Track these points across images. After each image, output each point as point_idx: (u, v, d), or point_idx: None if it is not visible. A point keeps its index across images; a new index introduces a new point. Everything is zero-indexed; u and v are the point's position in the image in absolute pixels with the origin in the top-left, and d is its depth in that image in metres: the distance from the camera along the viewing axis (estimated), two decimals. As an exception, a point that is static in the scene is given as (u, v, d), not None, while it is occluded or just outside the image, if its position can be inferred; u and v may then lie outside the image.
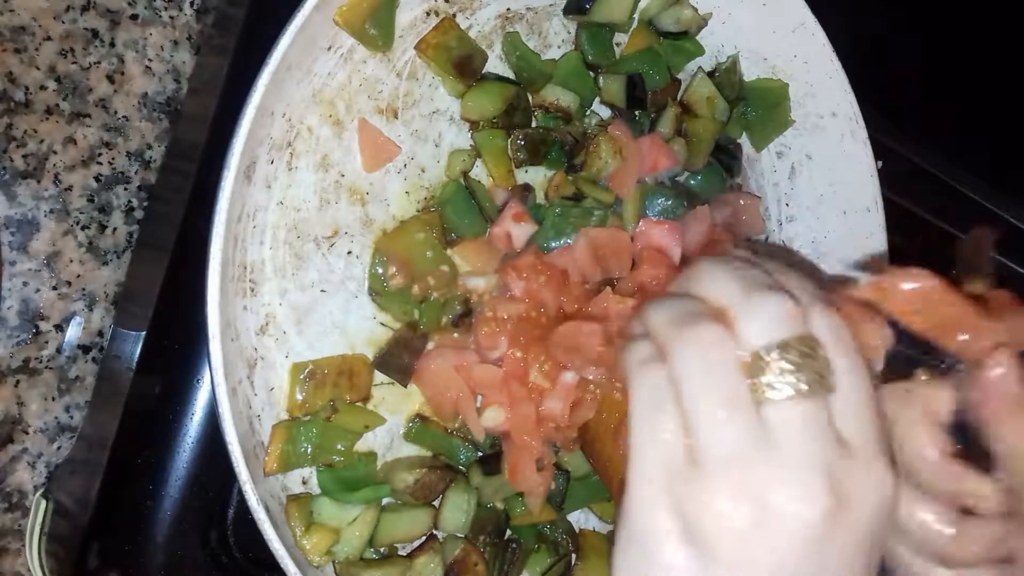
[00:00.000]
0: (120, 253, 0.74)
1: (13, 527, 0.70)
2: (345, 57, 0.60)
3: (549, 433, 0.61)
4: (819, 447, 0.36)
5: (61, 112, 0.71)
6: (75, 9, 0.72)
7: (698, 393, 0.37)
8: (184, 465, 0.60)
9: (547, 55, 0.69)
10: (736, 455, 0.36)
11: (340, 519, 0.58)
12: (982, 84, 1.02)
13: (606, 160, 0.65)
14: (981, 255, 0.44)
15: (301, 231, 0.60)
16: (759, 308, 0.38)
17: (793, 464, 0.36)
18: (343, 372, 0.60)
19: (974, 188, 1.04)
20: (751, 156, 0.77)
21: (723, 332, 0.38)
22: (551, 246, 0.64)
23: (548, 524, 0.68)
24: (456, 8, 0.64)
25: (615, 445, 0.60)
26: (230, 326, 0.55)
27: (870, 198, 0.75)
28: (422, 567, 0.61)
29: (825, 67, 0.73)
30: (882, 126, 0.79)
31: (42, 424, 0.71)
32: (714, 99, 0.71)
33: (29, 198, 0.70)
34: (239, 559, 0.62)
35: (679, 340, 0.38)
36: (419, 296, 0.62)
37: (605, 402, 0.61)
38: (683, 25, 0.70)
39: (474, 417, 0.61)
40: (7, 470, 0.70)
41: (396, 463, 0.62)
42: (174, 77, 0.76)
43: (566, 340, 0.57)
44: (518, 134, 0.64)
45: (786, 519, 0.35)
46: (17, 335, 0.70)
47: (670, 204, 0.67)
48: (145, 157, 0.75)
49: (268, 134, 0.57)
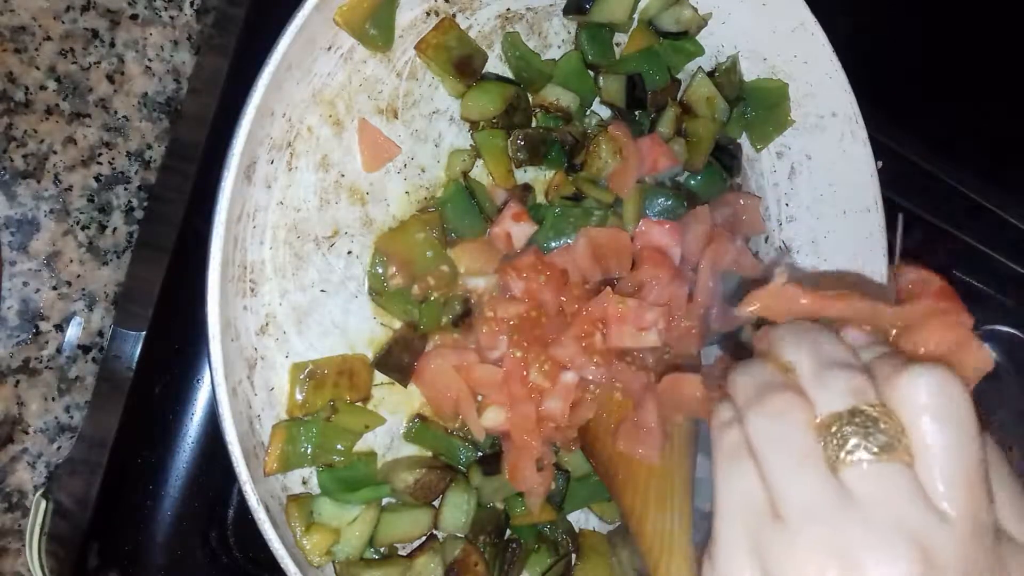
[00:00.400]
0: (120, 253, 0.74)
1: (13, 527, 0.70)
2: (345, 57, 0.60)
3: (549, 433, 0.61)
4: (901, 510, 0.36)
5: (61, 112, 0.71)
6: (75, 9, 0.72)
7: (774, 450, 0.39)
8: (184, 465, 0.60)
9: (547, 55, 0.69)
10: (817, 511, 0.37)
11: (340, 519, 0.58)
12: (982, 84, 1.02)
13: (606, 160, 0.65)
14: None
15: (301, 231, 0.60)
16: (832, 383, 0.40)
17: (877, 525, 0.36)
18: (343, 372, 0.60)
19: (974, 188, 1.04)
20: (751, 156, 0.77)
21: (797, 400, 0.40)
22: (551, 246, 0.64)
23: (548, 524, 0.68)
24: (456, 8, 0.64)
25: (615, 445, 0.60)
26: (230, 326, 0.55)
27: (870, 198, 0.75)
28: (422, 567, 0.61)
29: (825, 67, 0.73)
30: (882, 126, 0.79)
31: (42, 424, 0.71)
32: (714, 99, 0.71)
33: (29, 198, 0.70)
34: (239, 559, 0.62)
35: (757, 404, 0.41)
36: (419, 296, 0.62)
37: (605, 402, 0.61)
38: (683, 25, 0.70)
39: (474, 417, 0.61)
40: (7, 470, 0.70)
41: (396, 463, 0.62)
42: (174, 77, 0.77)
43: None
44: (518, 134, 0.64)
45: None
46: (17, 335, 0.70)
47: (670, 204, 0.67)
48: (145, 157, 0.75)
49: (268, 134, 0.57)
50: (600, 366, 0.60)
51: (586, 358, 0.60)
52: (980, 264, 1.07)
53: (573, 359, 0.60)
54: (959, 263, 1.05)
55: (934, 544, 0.36)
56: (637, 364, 0.61)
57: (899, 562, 0.35)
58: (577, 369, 0.60)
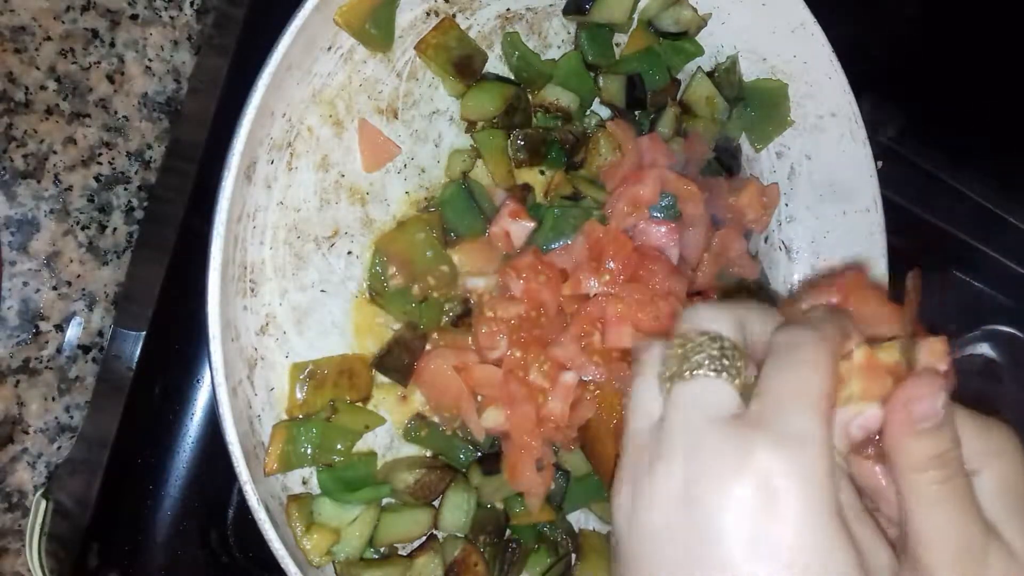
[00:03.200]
0: (120, 253, 0.74)
1: (13, 527, 0.70)
2: (345, 57, 0.60)
3: (549, 433, 0.61)
4: (706, 415, 0.38)
5: (61, 112, 0.71)
6: (75, 9, 0.72)
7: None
8: (184, 465, 0.60)
9: (547, 55, 0.69)
10: (640, 426, 0.41)
11: (340, 519, 0.58)
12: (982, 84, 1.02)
13: (605, 156, 0.65)
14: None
15: (301, 231, 0.60)
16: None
17: (667, 435, 0.38)
18: (343, 372, 0.60)
19: (974, 188, 1.04)
20: (751, 156, 0.77)
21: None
22: (551, 246, 0.64)
23: (548, 524, 0.68)
24: (456, 8, 0.64)
25: (615, 445, 0.60)
26: (230, 326, 0.55)
27: (870, 198, 0.75)
28: (422, 567, 0.61)
29: (825, 67, 0.73)
30: (882, 126, 0.79)
31: (42, 424, 0.71)
32: (714, 99, 0.71)
33: (29, 198, 0.70)
34: (239, 559, 0.62)
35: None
36: (419, 296, 0.62)
37: (605, 402, 0.61)
38: (683, 25, 0.70)
39: (474, 417, 0.61)
40: (7, 470, 0.70)
41: (396, 463, 0.62)
42: (174, 77, 0.77)
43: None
44: (518, 134, 0.64)
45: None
46: (17, 335, 0.70)
47: (670, 204, 0.67)
48: (145, 157, 0.75)
49: (268, 134, 0.57)
50: (600, 366, 0.60)
51: (586, 358, 0.60)
52: (980, 264, 1.07)
53: (573, 359, 0.60)
54: (959, 263, 1.05)
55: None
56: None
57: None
58: (577, 369, 0.60)
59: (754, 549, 0.35)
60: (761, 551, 0.34)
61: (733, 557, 0.35)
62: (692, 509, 0.36)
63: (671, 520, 0.37)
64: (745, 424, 0.37)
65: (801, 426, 0.36)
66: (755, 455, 0.35)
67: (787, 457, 0.35)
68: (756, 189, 0.72)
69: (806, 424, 0.36)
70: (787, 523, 0.34)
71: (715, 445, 0.37)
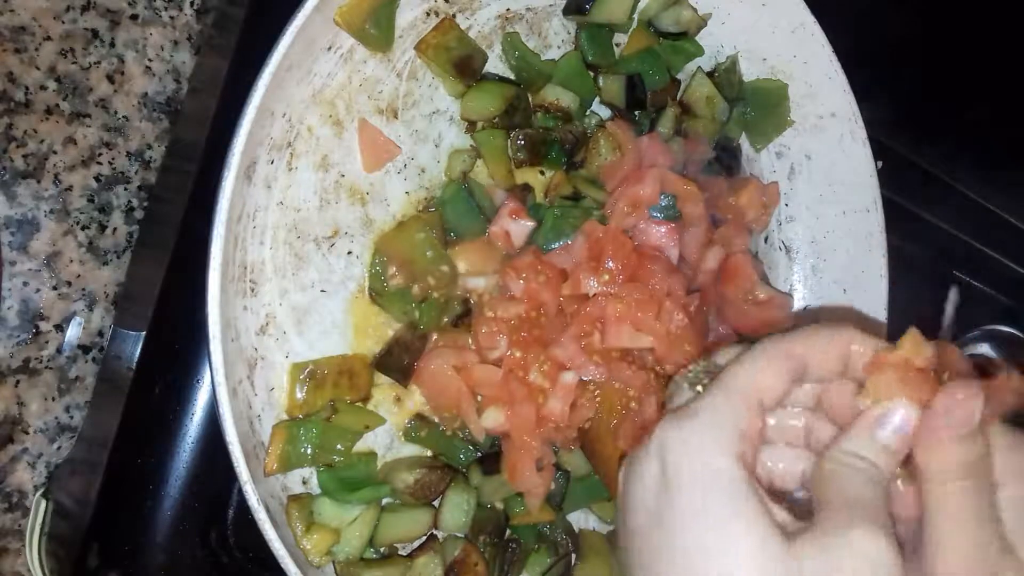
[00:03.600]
0: (120, 253, 0.74)
1: (13, 527, 0.70)
2: (345, 57, 0.60)
3: (549, 433, 0.61)
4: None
5: (61, 112, 0.71)
6: (75, 9, 0.72)
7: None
8: (184, 465, 0.60)
9: (547, 55, 0.69)
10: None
11: (340, 519, 0.58)
12: (982, 84, 1.02)
13: (605, 156, 0.65)
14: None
15: (301, 231, 0.60)
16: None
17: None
18: (343, 372, 0.60)
19: (974, 188, 1.04)
20: (751, 156, 0.77)
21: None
22: (551, 246, 0.64)
23: (548, 524, 0.68)
24: (456, 8, 0.64)
25: (615, 445, 0.60)
26: (230, 326, 0.55)
27: (870, 198, 0.75)
28: (422, 567, 0.61)
29: (825, 67, 0.73)
30: (882, 126, 0.79)
31: (42, 424, 0.71)
32: (714, 99, 0.71)
33: (29, 198, 0.70)
34: (239, 559, 0.62)
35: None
36: (419, 296, 0.62)
37: (605, 402, 0.61)
38: (683, 25, 0.70)
39: (474, 417, 0.61)
40: (7, 470, 0.70)
41: (396, 463, 0.62)
42: (174, 77, 0.77)
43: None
44: (518, 134, 0.64)
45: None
46: (17, 335, 0.70)
47: (670, 204, 0.67)
48: (145, 157, 0.75)
49: (268, 134, 0.57)
50: (600, 366, 0.60)
51: (585, 358, 0.60)
52: (980, 264, 1.07)
53: (572, 359, 0.60)
54: (959, 263, 1.05)
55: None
56: (637, 364, 0.61)
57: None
58: (577, 369, 0.60)
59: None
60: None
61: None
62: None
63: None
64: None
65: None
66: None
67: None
68: (756, 189, 0.72)
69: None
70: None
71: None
